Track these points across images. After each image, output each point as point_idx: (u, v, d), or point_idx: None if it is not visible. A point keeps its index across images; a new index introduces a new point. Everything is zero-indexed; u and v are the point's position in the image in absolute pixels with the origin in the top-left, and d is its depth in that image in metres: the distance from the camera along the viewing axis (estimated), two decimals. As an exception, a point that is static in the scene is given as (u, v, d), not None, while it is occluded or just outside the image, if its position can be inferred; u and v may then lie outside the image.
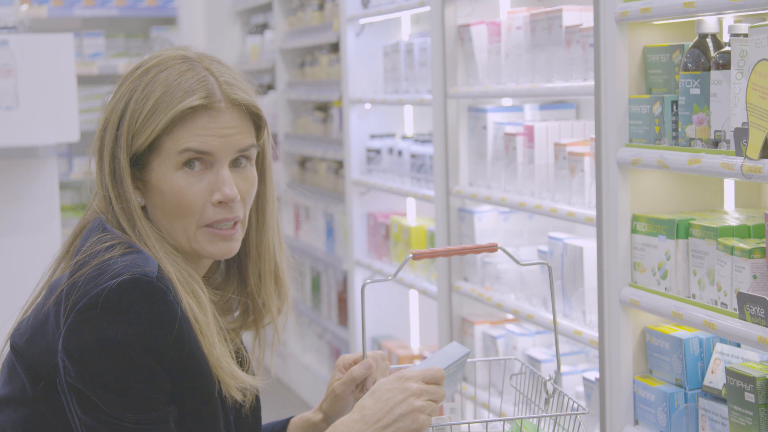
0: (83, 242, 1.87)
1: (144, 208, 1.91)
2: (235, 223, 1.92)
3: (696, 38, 2.75)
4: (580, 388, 3.50)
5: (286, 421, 2.19)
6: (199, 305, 1.85)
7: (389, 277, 2.11)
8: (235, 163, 1.91)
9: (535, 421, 2.15)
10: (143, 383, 1.76)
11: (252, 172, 1.94)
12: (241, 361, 2.03)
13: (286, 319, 2.09)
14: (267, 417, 2.19)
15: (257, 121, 1.95)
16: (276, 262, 2.04)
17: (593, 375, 3.36)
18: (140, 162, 1.89)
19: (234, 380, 1.88)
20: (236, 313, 2.05)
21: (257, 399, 2.04)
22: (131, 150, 1.87)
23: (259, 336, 2.07)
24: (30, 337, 1.85)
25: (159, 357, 1.76)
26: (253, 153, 1.94)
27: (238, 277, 2.03)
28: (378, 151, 5.16)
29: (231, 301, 2.03)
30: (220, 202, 1.88)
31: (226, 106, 1.89)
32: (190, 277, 1.87)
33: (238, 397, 1.90)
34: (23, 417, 1.83)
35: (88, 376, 1.75)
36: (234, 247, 1.93)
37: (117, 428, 1.75)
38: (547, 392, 2.22)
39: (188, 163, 1.87)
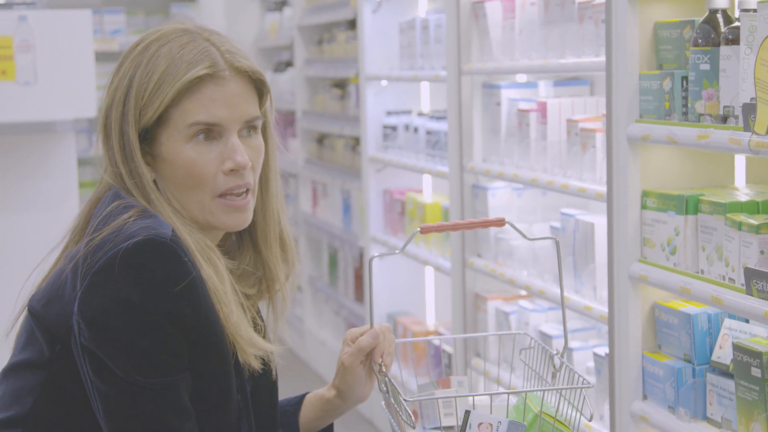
0: (99, 210, 1.89)
1: (155, 183, 1.93)
2: (247, 191, 1.93)
3: (706, 14, 2.74)
4: (591, 364, 3.52)
5: (302, 397, 2.21)
6: (216, 273, 1.87)
7: (396, 251, 2.12)
8: (242, 132, 1.93)
9: (540, 394, 2.16)
10: (157, 346, 1.76)
11: (258, 140, 1.96)
12: (257, 330, 2.05)
13: (294, 284, 2.11)
14: (284, 392, 2.21)
15: (260, 88, 1.97)
16: (281, 228, 2.06)
17: (603, 350, 3.37)
18: (149, 136, 1.91)
19: (253, 348, 1.89)
20: (252, 281, 2.06)
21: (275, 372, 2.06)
22: (139, 125, 1.89)
23: (273, 304, 2.08)
24: (47, 302, 1.86)
25: (175, 320, 1.77)
26: (259, 123, 1.96)
27: (252, 245, 2.05)
28: (394, 128, 5.17)
29: (246, 270, 2.04)
30: (231, 170, 1.90)
31: (230, 74, 1.91)
32: (207, 247, 1.89)
33: (256, 365, 1.91)
34: (40, 380, 1.85)
35: (102, 338, 1.76)
36: (247, 218, 1.95)
37: (127, 392, 1.76)
38: (554, 366, 2.23)
39: (198, 135, 1.89)
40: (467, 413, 1.93)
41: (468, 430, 1.92)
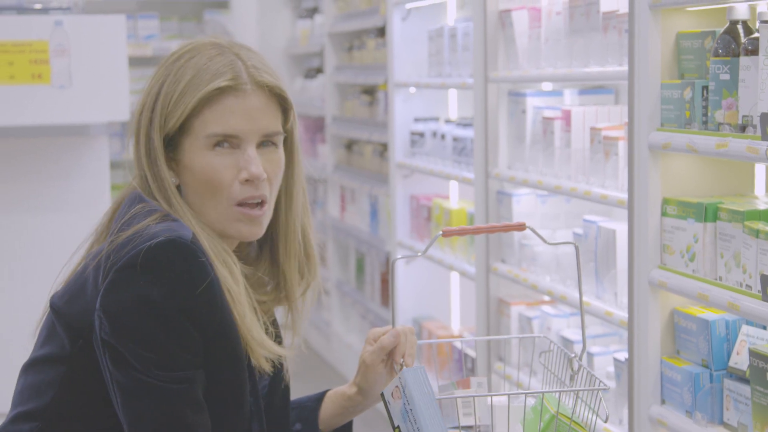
0: (123, 212, 1.96)
1: (178, 188, 2.00)
2: (262, 203, 1.99)
3: (727, 25, 2.79)
4: (611, 368, 3.56)
5: (323, 394, 2.27)
6: (232, 276, 1.94)
7: (419, 254, 2.17)
8: (261, 145, 1.99)
9: (557, 395, 2.21)
10: (174, 342, 1.84)
11: (277, 154, 2.01)
12: (268, 335, 2.11)
13: (315, 295, 2.16)
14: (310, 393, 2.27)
15: (283, 104, 2.02)
16: (305, 242, 2.11)
17: (623, 355, 3.41)
18: (173, 143, 1.99)
19: (264, 350, 1.96)
20: (268, 289, 2.12)
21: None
22: (164, 131, 1.97)
23: (291, 313, 2.14)
24: (69, 299, 1.94)
25: (192, 318, 1.84)
26: (280, 139, 2.02)
27: (270, 256, 2.11)
28: (422, 135, 5.23)
29: (261, 278, 2.10)
30: (247, 180, 1.96)
31: (252, 88, 1.97)
32: (224, 251, 1.96)
33: (267, 368, 1.97)
34: (59, 374, 1.93)
35: (122, 332, 1.83)
36: (258, 232, 2.01)
37: (145, 384, 1.84)
38: (572, 369, 2.27)
39: (217, 144, 1.96)
40: None
41: None
